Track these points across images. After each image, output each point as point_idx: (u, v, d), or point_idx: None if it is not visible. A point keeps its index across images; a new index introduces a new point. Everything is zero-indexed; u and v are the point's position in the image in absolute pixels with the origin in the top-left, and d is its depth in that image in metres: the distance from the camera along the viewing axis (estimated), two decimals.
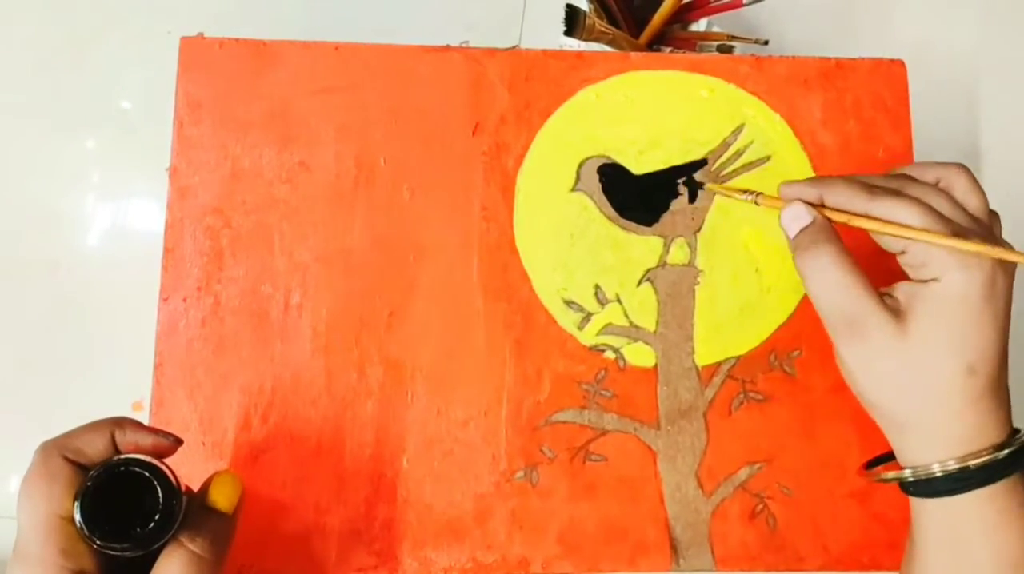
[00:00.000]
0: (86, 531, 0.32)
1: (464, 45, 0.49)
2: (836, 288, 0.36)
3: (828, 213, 0.38)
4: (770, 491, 0.46)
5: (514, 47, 0.49)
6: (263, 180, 0.47)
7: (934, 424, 0.35)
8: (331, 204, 0.47)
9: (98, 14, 0.76)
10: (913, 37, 0.78)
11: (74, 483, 0.33)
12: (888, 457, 0.41)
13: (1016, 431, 0.37)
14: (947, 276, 0.34)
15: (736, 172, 0.48)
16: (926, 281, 0.35)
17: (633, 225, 0.48)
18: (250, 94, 0.48)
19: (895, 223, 0.35)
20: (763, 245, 0.47)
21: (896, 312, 0.35)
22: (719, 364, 0.47)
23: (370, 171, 0.48)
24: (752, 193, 0.42)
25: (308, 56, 0.48)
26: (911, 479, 0.37)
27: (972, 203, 0.37)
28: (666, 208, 0.48)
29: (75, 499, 0.33)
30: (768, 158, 0.49)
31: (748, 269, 0.47)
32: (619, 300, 0.47)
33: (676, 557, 0.45)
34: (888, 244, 0.36)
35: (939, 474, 0.35)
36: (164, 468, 0.34)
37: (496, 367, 0.46)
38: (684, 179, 0.48)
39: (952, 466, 0.35)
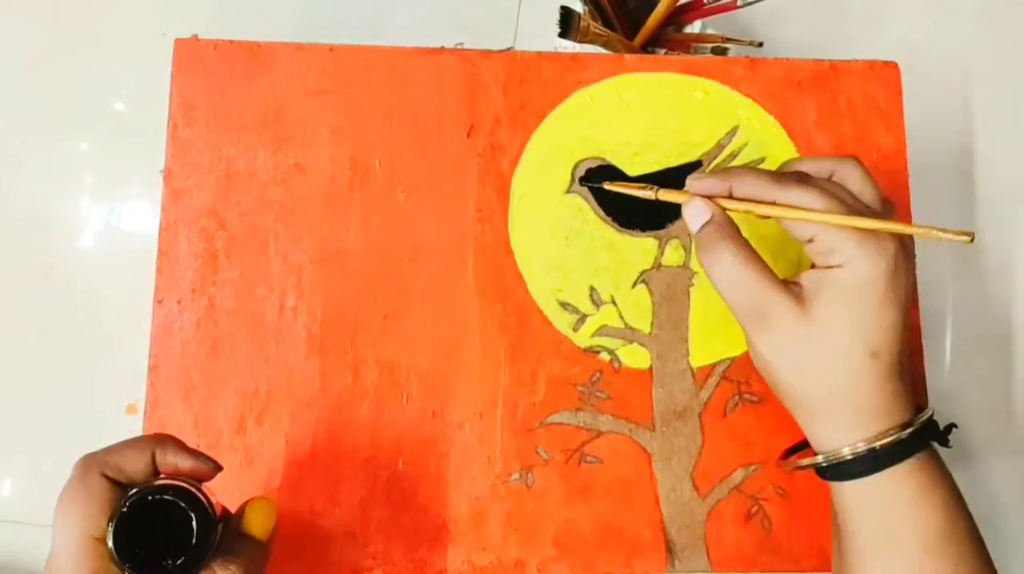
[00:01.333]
0: (118, 558, 0.32)
1: (459, 47, 0.49)
2: (739, 282, 0.37)
3: (732, 204, 0.38)
4: (765, 493, 0.46)
5: (509, 49, 0.49)
6: (258, 182, 0.47)
7: (842, 408, 0.36)
8: (326, 206, 0.47)
9: (92, 16, 0.76)
10: (906, 39, 0.78)
11: (111, 503, 0.33)
12: (803, 445, 0.41)
13: (919, 410, 0.38)
14: (851, 262, 0.35)
15: None
16: (831, 267, 0.36)
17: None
18: (244, 96, 0.48)
19: (803, 208, 0.36)
20: (758, 246, 0.47)
21: (800, 299, 0.36)
22: (714, 366, 0.47)
23: (365, 173, 0.48)
24: (651, 188, 0.41)
25: (302, 58, 0.48)
26: (824, 464, 0.37)
27: (867, 195, 0.38)
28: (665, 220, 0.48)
29: (109, 522, 0.32)
30: (762, 160, 0.49)
31: None
32: (614, 302, 0.47)
33: (672, 559, 0.45)
34: (797, 232, 0.37)
35: (849, 457, 0.36)
36: (201, 496, 0.34)
37: (491, 369, 0.46)
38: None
39: (861, 448, 0.36)
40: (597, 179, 0.48)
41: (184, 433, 0.45)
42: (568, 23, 0.55)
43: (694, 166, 0.48)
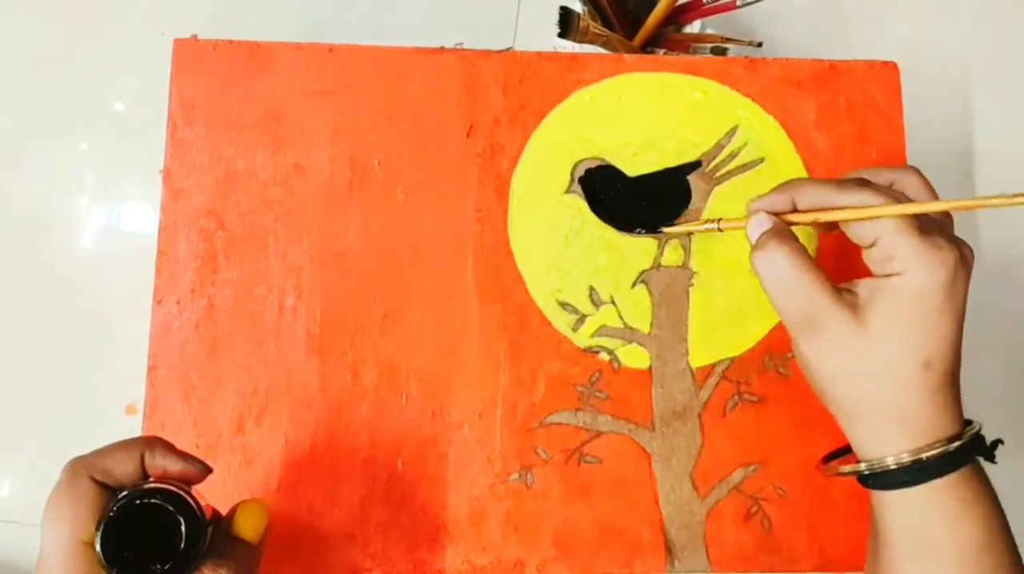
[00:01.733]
0: (105, 562, 0.32)
1: (458, 47, 0.49)
2: (791, 284, 0.36)
3: (797, 216, 0.38)
4: (765, 493, 0.46)
5: (508, 49, 0.49)
6: (257, 182, 0.47)
7: (889, 417, 0.36)
8: (325, 206, 0.47)
9: (91, 16, 0.76)
10: (906, 39, 0.78)
11: (100, 506, 0.33)
12: (846, 450, 0.41)
13: (968, 423, 0.37)
14: (910, 271, 0.35)
15: (730, 174, 0.48)
16: (889, 275, 0.35)
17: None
18: (244, 96, 0.48)
19: (866, 207, 0.35)
20: None
21: (854, 307, 0.36)
22: (713, 366, 0.47)
23: (364, 173, 0.48)
24: (714, 221, 0.43)
25: (302, 58, 0.48)
26: (867, 472, 0.37)
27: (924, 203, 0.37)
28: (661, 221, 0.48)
29: (97, 527, 0.32)
30: (762, 160, 0.49)
31: (742, 270, 0.47)
32: (613, 302, 0.47)
33: (671, 559, 0.45)
34: (859, 236, 0.36)
35: (893, 467, 0.36)
36: (190, 499, 0.34)
37: (491, 369, 0.46)
38: (685, 190, 0.48)
39: (906, 458, 0.35)
40: (597, 179, 0.48)
41: (183, 433, 0.45)
42: (567, 23, 0.55)
43: (694, 166, 0.48)
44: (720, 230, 0.43)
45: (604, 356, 0.47)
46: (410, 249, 0.47)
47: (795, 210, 0.38)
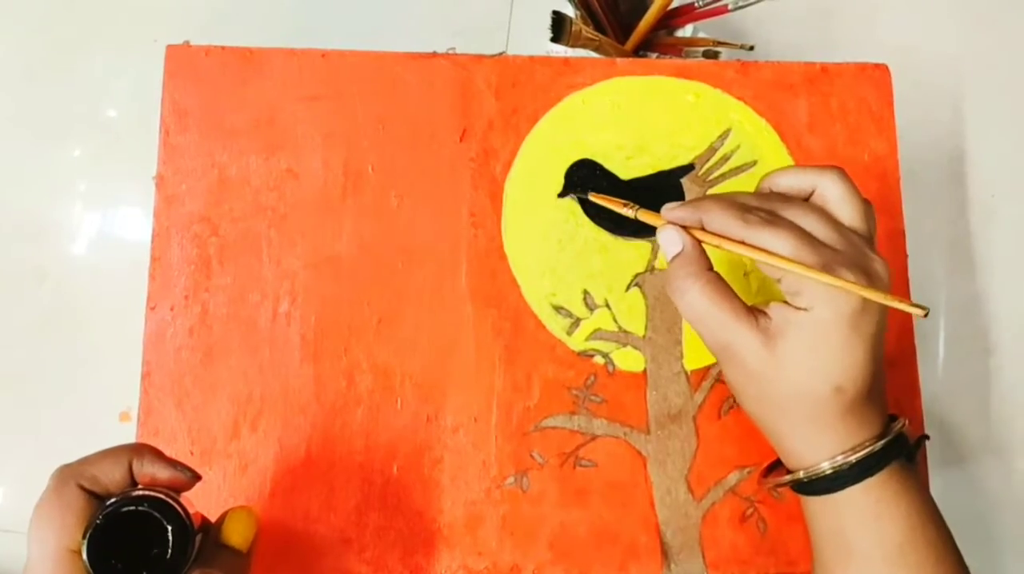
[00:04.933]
0: (92, 571, 0.32)
1: (451, 52, 0.49)
2: (704, 317, 0.37)
3: (705, 236, 0.38)
4: (760, 495, 0.46)
5: (501, 54, 0.49)
6: (250, 188, 0.47)
7: (806, 435, 0.38)
8: (319, 211, 0.47)
9: (84, 22, 0.76)
10: (897, 41, 0.78)
11: (87, 514, 0.33)
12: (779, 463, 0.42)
13: (893, 419, 0.39)
14: (817, 307, 0.35)
15: (723, 177, 0.48)
16: (798, 309, 0.36)
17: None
18: (237, 102, 0.48)
19: (768, 252, 0.36)
20: None
21: (767, 334, 0.36)
22: (708, 368, 0.47)
23: (358, 178, 0.48)
24: (632, 206, 0.42)
25: (295, 63, 0.48)
26: (792, 482, 0.39)
27: (846, 213, 0.37)
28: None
29: (83, 535, 0.32)
30: (754, 163, 0.49)
31: (736, 274, 0.48)
32: (608, 305, 0.47)
33: (667, 561, 0.45)
34: (765, 271, 0.37)
35: (811, 477, 0.38)
36: (178, 507, 0.33)
37: (486, 373, 0.46)
38: (679, 194, 0.48)
39: (827, 467, 0.37)
40: (582, 177, 0.48)
41: (178, 440, 0.45)
42: (560, 28, 0.55)
43: (686, 169, 0.48)
44: (636, 217, 0.41)
45: (599, 359, 0.47)
46: (404, 254, 0.47)
47: (702, 230, 0.38)
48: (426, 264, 0.47)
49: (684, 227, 0.39)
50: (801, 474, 0.38)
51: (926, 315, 0.33)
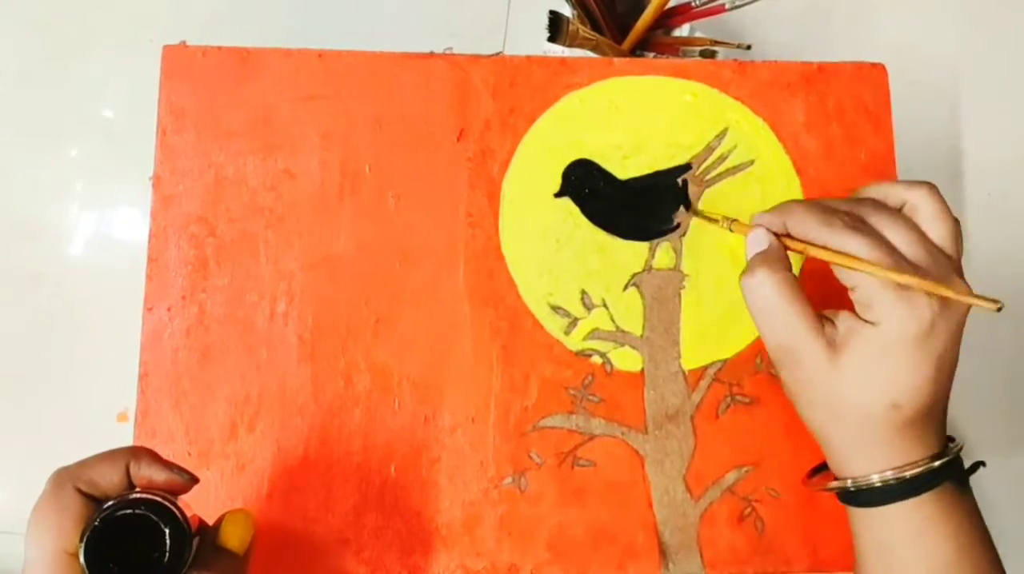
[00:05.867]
0: (89, 573, 0.32)
1: (448, 52, 0.49)
2: (774, 313, 0.37)
3: (791, 243, 0.39)
4: (758, 494, 0.46)
5: (498, 54, 0.49)
6: (247, 188, 0.47)
7: (857, 447, 0.37)
8: (316, 212, 0.47)
9: (80, 23, 0.76)
10: (894, 41, 0.78)
11: (84, 517, 0.33)
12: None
13: (951, 439, 0.39)
14: (884, 323, 0.35)
15: (720, 176, 0.48)
16: (867, 321, 0.36)
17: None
18: (233, 102, 0.48)
19: (848, 255, 0.36)
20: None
21: (832, 343, 0.36)
22: (705, 368, 0.47)
23: (355, 178, 0.48)
24: (728, 220, 0.43)
25: (291, 64, 0.48)
26: (852, 489, 0.38)
27: (937, 231, 0.37)
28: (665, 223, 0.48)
29: (80, 538, 0.32)
30: (752, 162, 0.49)
31: (733, 273, 0.48)
32: (605, 305, 0.47)
33: (665, 561, 0.45)
34: (841, 277, 0.37)
35: (878, 484, 0.37)
36: (175, 509, 0.33)
37: (483, 373, 0.46)
38: (676, 193, 0.48)
39: (876, 480, 0.37)
40: (579, 177, 0.48)
41: (175, 441, 0.45)
42: (557, 27, 0.55)
43: (684, 169, 0.48)
44: (731, 230, 0.43)
45: (596, 359, 0.47)
46: (401, 254, 0.47)
47: (788, 235, 0.39)
48: (423, 264, 0.47)
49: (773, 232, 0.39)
50: (849, 483, 0.38)
51: (999, 309, 0.33)
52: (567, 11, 0.60)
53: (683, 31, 0.65)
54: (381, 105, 0.48)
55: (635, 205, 0.48)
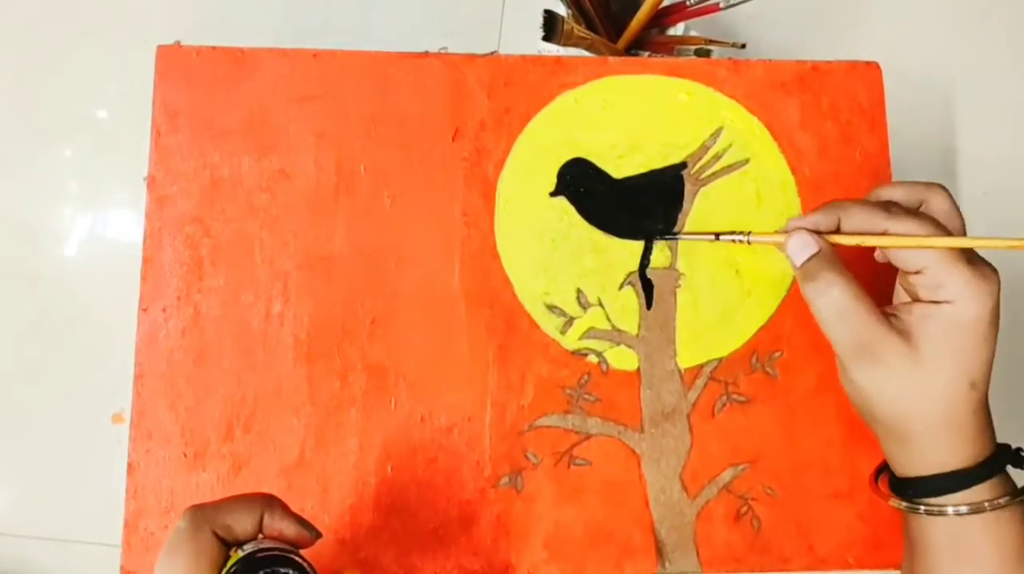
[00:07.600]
0: None
1: (443, 51, 0.49)
2: (846, 316, 0.37)
3: (839, 238, 0.39)
4: (754, 492, 0.46)
5: (493, 53, 0.49)
6: (242, 188, 0.47)
7: (937, 434, 0.37)
8: (311, 212, 0.47)
9: (74, 23, 0.76)
10: (888, 39, 0.78)
11: (218, 562, 0.33)
12: (883, 468, 0.42)
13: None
14: (960, 300, 0.36)
15: (715, 175, 0.49)
16: (938, 303, 0.36)
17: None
18: (228, 102, 0.48)
19: (915, 236, 0.36)
20: (743, 248, 0.48)
21: (906, 334, 0.37)
22: (701, 366, 0.47)
23: (350, 178, 0.47)
24: (743, 234, 0.43)
25: (286, 64, 0.48)
26: (923, 511, 0.38)
27: (954, 224, 0.38)
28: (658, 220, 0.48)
29: None
30: (747, 161, 0.49)
31: (728, 271, 0.48)
32: (601, 304, 0.47)
33: (662, 560, 0.45)
34: (904, 262, 0.37)
35: (962, 468, 0.37)
36: (305, 564, 0.34)
37: (479, 373, 0.46)
38: (671, 192, 0.48)
39: (952, 469, 0.37)
40: (574, 177, 0.48)
41: (171, 442, 0.45)
42: (552, 27, 0.55)
43: (679, 168, 0.49)
44: (749, 243, 0.43)
45: (592, 358, 0.47)
46: (397, 254, 0.47)
47: (838, 231, 0.39)
48: (419, 264, 0.47)
49: (818, 232, 0.39)
50: (935, 471, 0.38)
51: None
52: (562, 10, 0.60)
53: (678, 30, 0.65)
54: (376, 105, 0.48)
55: (630, 204, 0.48)
